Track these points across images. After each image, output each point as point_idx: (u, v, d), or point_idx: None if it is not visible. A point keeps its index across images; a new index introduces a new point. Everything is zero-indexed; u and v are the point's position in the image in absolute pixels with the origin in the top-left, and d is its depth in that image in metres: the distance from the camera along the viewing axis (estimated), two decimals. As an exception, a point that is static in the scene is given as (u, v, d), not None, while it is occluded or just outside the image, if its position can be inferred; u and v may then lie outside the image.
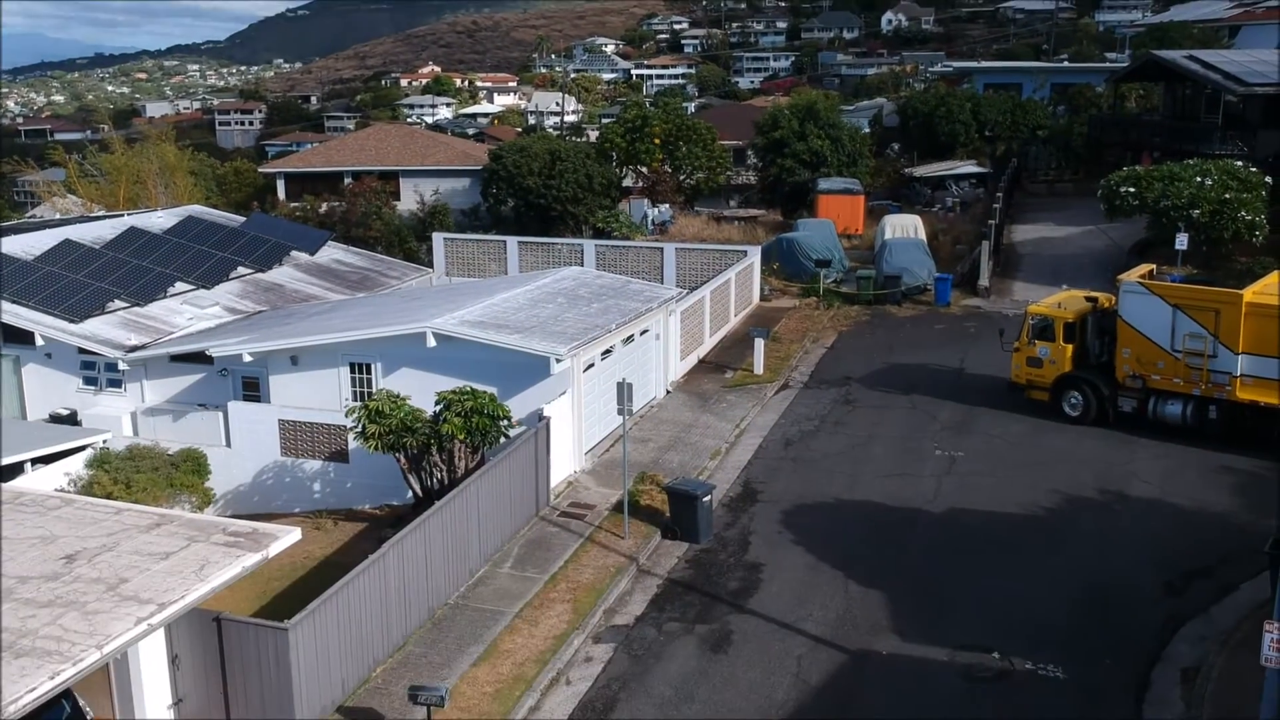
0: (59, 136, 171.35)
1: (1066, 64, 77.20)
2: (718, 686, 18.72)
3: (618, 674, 19.24)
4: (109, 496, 25.33)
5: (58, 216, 53.19)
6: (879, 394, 32.81)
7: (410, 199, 63.41)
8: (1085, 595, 21.21)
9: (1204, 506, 24.70)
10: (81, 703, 16.07)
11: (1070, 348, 29.66)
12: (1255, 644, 15.32)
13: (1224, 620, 20.24)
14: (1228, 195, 39.78)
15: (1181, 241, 39.03)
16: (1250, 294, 27.07)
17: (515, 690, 18.60)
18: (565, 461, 26.56)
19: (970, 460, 27.80)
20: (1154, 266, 31.53)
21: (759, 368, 34.62)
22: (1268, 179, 41.00)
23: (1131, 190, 41.87)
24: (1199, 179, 40.51)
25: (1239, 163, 42.29)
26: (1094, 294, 31.00)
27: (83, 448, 27.46)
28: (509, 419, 24.24)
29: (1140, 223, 44.84)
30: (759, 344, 34.88)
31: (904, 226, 46.62)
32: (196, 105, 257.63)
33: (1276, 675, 14.76)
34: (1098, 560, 22.56)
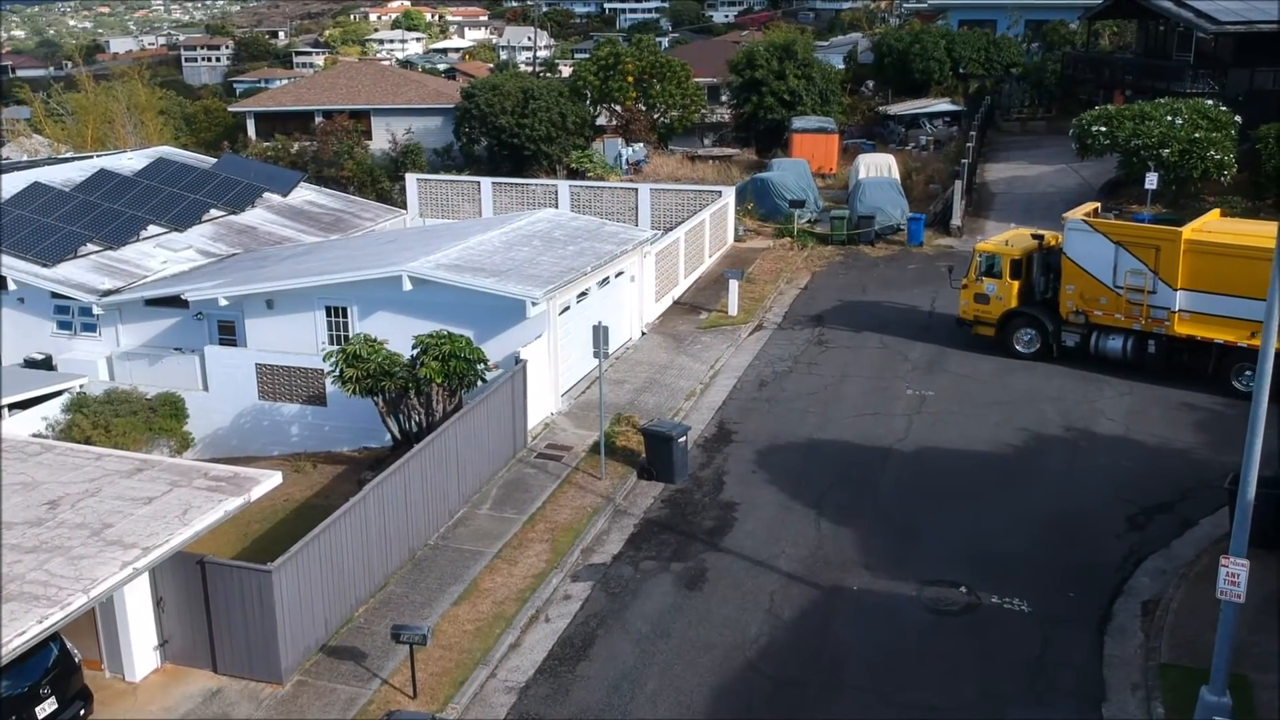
0: (21, 73, 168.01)
1: (1041, 0, 76.83)
2: (693, 622, 19.20)
3: (596, 611, 19.68)
4: (87, 440, 25.45)
5: (25, 158, 52.51)
6: (851, 334, 33.18)
7: (382, 138, 62.89)
8: (1050, 530, 21.79)
9: (1167, 443, 25.29)
10: (69, 645, 16.36)
11: (1016, 284, 30.35)
12: (1213, 577, 15.86)
13: (1184, 554, 20.86)
14: (1197, 134, 40.06)
15: (1151, 181, 39.32)
16: (1189, 231, 27.85)
17: (495, 628, 19.02)
18: (542, 403, 26.84)
19: (940, 399, 28.26)
20: (1098, 205, 32.13)
21: (733, 309, 34.89)
22: (1237, 118, 41.29)
23: (1103, 129, 42.08)
24: (1169, 118, 40.75)
25: (1209, 101, 42.53)
26: (1040, 232, 31.63)
27: (60, 393, 27.53)
28: (486, 363, 24.45)
29: (1111, 161, 45.14)
30: (733, 285, 35.11)
31: (878, 166, 46.72)
32: (162, 41, 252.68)
33: (1231, 608, 15.28)
34: (1063, 496, 23.12)
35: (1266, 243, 26.53)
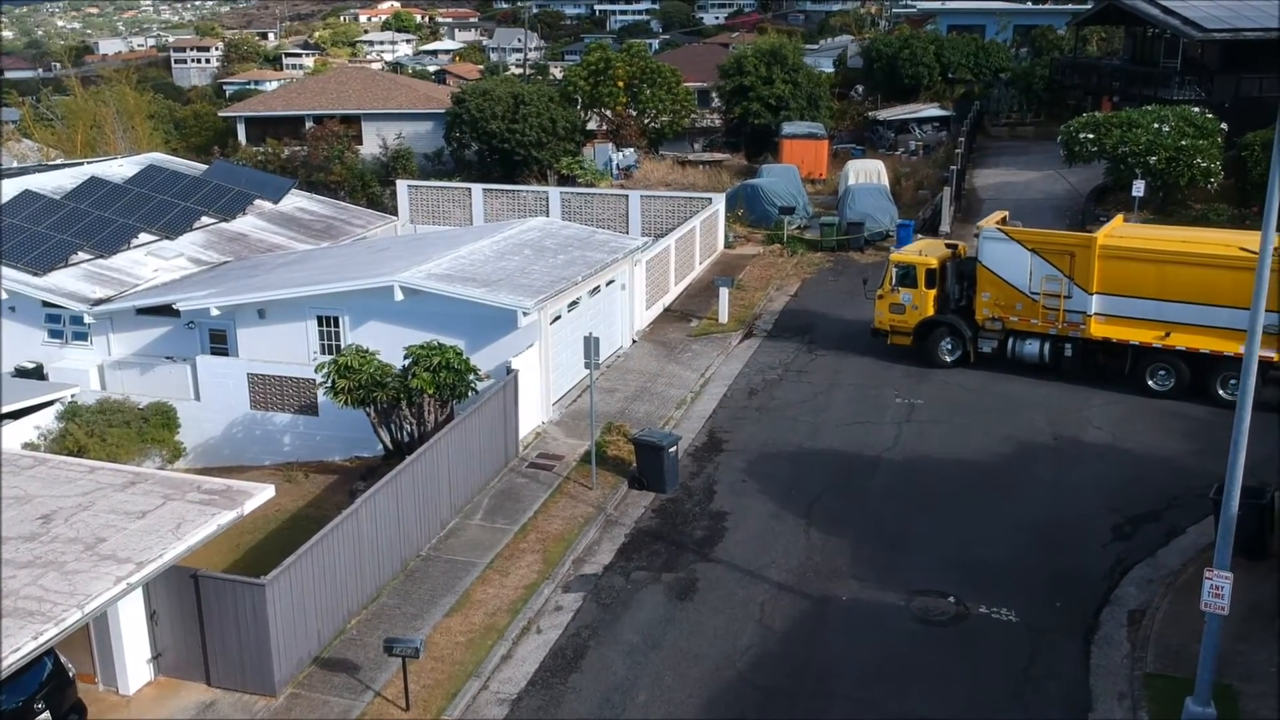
0: (10, 75, 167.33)
1: (1030, 6, 77.31)
2: (684, 633, 19.32)
3: (587, 622, 19.80)
4: (80, 449, 25.51)
5: (15, 165, 52.44)
6: (841, 341, 33.34)
7: (373, 143, 62.91)
8: (1038, 539, 21.96)
9: (1154, 452, 25.47)
10: (63, 659, 16.42)
11: (932, 293, 30.63)
12: (1199, 587, 16.03)
13: (1170, 563, 21.04)
14: (1184, 142, 40.32)
15: (1138, 188, 39.67)
16: (1103, 236, 28.58)
17: (487, 639, 19.12)
18: (533, 413, 26.95)
19: (929, 407, 28.43)
20: (1006, 214, 32.47)
21: (723, 316, 35.04)
22: (1223, 125, 41.56)
23: (1090, 137, 42.35)
24: (1156, 125, 41.00)
25: (1196, 109, 42.80)
26: (953, 241, 32.09)
27: (51, 402, 27.52)
28: (477, 373, 24.56)
29: (1099, 168, 45.41)
30: (723, 293, 35.26)
31: (867, 172, 46.93)
32: (151, 43, 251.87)
33: (1215, 620, 15.47)
34: (1051, 505, 23.30)
35: (1175, 246, 28.02)
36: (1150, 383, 28.40)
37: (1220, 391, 27.66)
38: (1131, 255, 28.13)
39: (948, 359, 30.66)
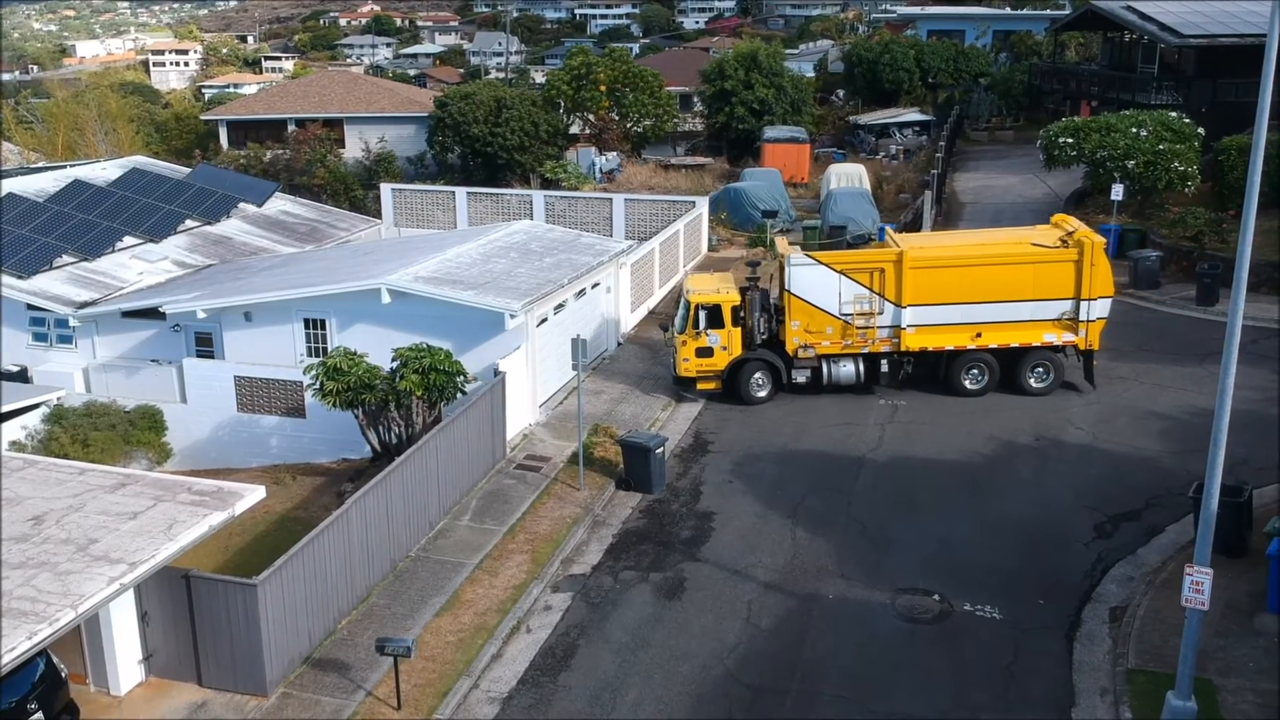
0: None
1: (1009, 11, 78.02)
2: (672, 632, 19.50)
3: (576, 622, 19.95)
4: (64, 455, 25.47)
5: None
6: (825, 344, 33.50)
7: (355, 146, 62.95)
8: (1021, 538, 22.23)
9: (1133, 452, 25.81)
10: (55, 660, 16.48)
11: (739, 331, 29.34)
12: (1179, 584, 16.32)
13: (1150, 561, 21.33)
14: (1162, 146, 40.79)
15: (1117, 192, 40.07)
16: (910, 250, 28.83)
17: (477, 639, 19.25)
18: (521, 414, 27.09)
19: (912, 408, 28.71)
20: (786, 238, 32.13)
21: (708, 319, 35.14)
22: (1200, 130, 42.06)
23: (1069, 141, 42.76)
24: (1134, 130, 41.47)
25: (1173, 113, 43.30)
26: (753, 274, 30.77)
27: (35, 406, 27.47)
28: (465, 375, 24.69)
29: (1078, 172, 45.85)
30: (708, 295, 35.37)
31: (849, 176, 47.25)
32: (130, 46, 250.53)
33: (1196, 615, 15.75)
34: (1033, 505, 23.58)
35: (975, 251, 29.24)
36: (965, 383, 28.99)
37: (1030, 381, 28.89)
38: (939, 264, 28.56)
39: (762, 394, 29.44)
